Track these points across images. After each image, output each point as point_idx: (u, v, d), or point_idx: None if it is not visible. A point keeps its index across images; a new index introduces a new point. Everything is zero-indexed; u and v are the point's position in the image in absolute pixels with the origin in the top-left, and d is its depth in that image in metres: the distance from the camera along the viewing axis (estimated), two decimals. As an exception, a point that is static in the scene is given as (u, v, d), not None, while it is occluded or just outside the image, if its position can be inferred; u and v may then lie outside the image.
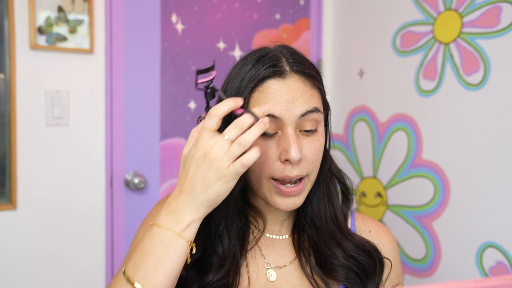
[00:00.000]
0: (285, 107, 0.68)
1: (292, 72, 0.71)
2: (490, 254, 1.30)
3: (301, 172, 0.70)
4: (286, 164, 0.69)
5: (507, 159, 1.26)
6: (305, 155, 0.70)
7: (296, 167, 0.69)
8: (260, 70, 0.70)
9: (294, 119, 0.69)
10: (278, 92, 0.69)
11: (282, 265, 0.78)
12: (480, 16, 1.34)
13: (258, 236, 0.79)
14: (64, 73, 1.55)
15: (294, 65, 0.72)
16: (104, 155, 1.61)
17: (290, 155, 0.67)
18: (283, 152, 0.68)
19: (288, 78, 0.70)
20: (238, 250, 0.75)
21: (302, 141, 0.71)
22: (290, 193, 0.70)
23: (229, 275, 0.72)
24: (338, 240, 0.77)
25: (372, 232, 0.83)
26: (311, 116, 0.70)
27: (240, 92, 0.71)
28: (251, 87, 0.70)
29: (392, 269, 0.80)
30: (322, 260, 0.76)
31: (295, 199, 0.72)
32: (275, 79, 0.70)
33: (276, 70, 0.70)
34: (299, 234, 0.79)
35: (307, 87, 0.71)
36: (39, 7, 1.48)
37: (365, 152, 1.78)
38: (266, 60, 0.71)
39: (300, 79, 0.71)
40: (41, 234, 1.53)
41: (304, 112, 0.69)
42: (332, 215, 0.79)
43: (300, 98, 0.69)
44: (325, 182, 0.80)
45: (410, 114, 1.57)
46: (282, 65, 0.71)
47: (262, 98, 0.69)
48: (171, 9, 1.69)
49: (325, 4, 1.98)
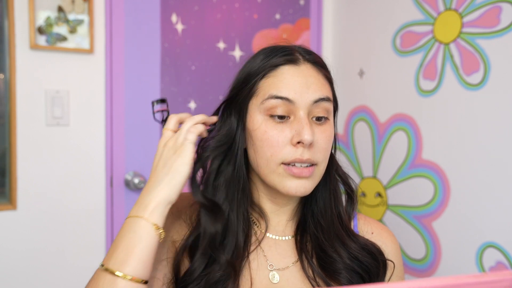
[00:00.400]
0: (299, 91, 0.70)
1: (305, 60, 0.73)
2: (490, 254, 1.30)
3: (312, 157, 0.70)
4: (297, 147, 0.70)
5: (507, 159, 1.26)
6: (317, 141, 0.71)
7: (308, 151, 0.70)
8: (274, 58, 0.72)
9: (307, 104, 0.70)
10: (292, 77, 0.71)
11: (284, 266, 0.77)
12: (480, 16, 1.34)
13: (260, 237, 0.78)
14: (64, 73, 1.55)
15: (307, 55, 0.74)
16: (104, 155, 1.61)
17: (303, 137, 0.68)
18: (296, 135, 0.69)
19: (302, 65, 0.72)
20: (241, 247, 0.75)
21: (314, 128, 0.71)
22: (301, 173, 0.70)
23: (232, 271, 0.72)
24: (344, 240, 0.77)
25: (374, 233, 0.83)
26: (324, 104, 0.72)
27: (250, 77, 0.73)
28: (264, 72, 0.72)
29: (395, 271, 0.80)
30: (325, 262, 0.75)
31: (305, 182, 0.71)
32: (288, 65, 0.72)
33: (289, 58, 0.72)
34: (302, 235, 0.79)
35: (320, 76, 0.73)
36: (39, 7, 1.48)
37: (365, 152, 1.78)
38: (279, 50, 0.73)
39: (312, 68, 0.73)
40: (41, 234, 1.53)
41: (318, 99, 0.71)
42: (338, 216, 0.79)
43: (314, 85, 0.71)
44: (332, 183, 0.80)
45: (410, 114, 1.57)
46: (295, 54, 0.73)
47: (276, 82, 0.71)
48: (171, 9, 1.69)
49: (325, 4, 1.98)
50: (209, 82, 1.76)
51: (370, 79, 1.76)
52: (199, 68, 1.75)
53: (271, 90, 0.71)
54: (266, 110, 0.71)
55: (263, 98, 0.71)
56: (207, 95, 1.76)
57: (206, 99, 1.76)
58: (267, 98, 0.70)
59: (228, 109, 0.76)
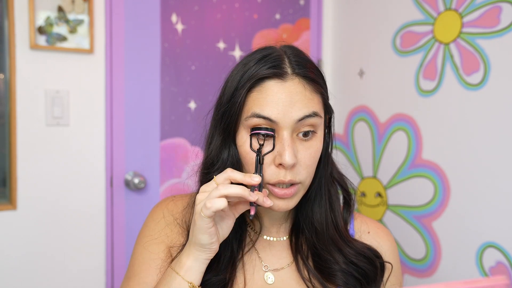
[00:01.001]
0: (282, 110, 0.67)
1: (293, 74, 0.70)
2: (490, 254, 1.30)
3: (294, 178, 0.69)
4: (280, 168, 0.68)
5: (507, 159, 1.26)
6: (300, 160, 0.69)
7: (290, 172, 0.68)
8: (261, 69, 0.69)
9: (291, 123, 0.68)
10: (277, 94, 0.68)
11: (279, 267, 0.77)
12: (480, 16, 1.34)
13: (254, 238, 0.78)
14: (64, 73, 1.55)
15: (297, 67, 0.70)
16: (104, 155, 1.61)
17: (283, 159, 0.67)
18: (278, 157, 0.68)
19: (288, 81, 0.69)
20: (236, 248, 0.75)
21: (298, 145, 0.70)
22: (284, 195, 0.70)
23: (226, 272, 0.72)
24: (339, 246, 0.76)
25: (371, 233, 0.83)
26: (309, 121, 0.69)
27: (238, 88, 0.70)
28: (249, 85, 0.69)
29: (392, 271, 0.80)
30: (321, 264, 0.75)
31: (287, 202, 0.71)
32: (274, 80, 0.69)
33: (277, 72, 0.69)
34: (297, 237, 0.78)
35: (307, 91, 0.70)
36: (39, 7, 1.48)
37: (365, 152, 1.78)
38: (268, 60, 0.70)
39: (300, 83, 0.70)
40: (41, 234, 1.53)
41: (302, 117, 0.68)
42: (333, 221, 0.78)
43: (299, 103, 0.68)
44: (327, 187, 0.78)
45: (410, 114, 1.57)
46: (284, 66, 0.70)
47: (260, 99, 0.69)
48: (171, 9, 1.69)
49: (325, 4, 1.98)
50: (209, 82, 1.76)
51: (370, 79, 1.76)
52: (199, 68, 1.75)
53: (254, 107, 0.68)
54: (249, 127, 0.70)
55: (247, 115, 0.69)
56: (207, 95, 1.76)
57: (206, 99, 1.76)
58: (250, 116, 0.69)
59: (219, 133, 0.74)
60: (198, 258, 0.68)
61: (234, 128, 0.72)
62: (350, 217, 0.83)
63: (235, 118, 0.71)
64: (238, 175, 0.65)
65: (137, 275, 0.76)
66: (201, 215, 0.64)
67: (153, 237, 0.79)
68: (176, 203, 0.83)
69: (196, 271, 0.68)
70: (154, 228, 0.80)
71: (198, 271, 0.68)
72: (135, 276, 0.76)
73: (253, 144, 0.69)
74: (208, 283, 0.71)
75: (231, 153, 0.73)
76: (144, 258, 0.77)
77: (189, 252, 0.68)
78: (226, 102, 0.72)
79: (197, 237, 0.66)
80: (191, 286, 0.67)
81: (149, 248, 0.77)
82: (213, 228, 0.65)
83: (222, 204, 0.63)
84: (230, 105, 0.71)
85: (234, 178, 0.66)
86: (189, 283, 0.67)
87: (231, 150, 0.73)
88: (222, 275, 0.72)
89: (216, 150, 0.74)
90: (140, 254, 0.78)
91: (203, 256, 0.68)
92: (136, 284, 0.75)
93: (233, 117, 0.71)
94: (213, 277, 0.72)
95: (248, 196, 0.64)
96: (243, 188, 0.64)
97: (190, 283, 0.67)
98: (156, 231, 0.80)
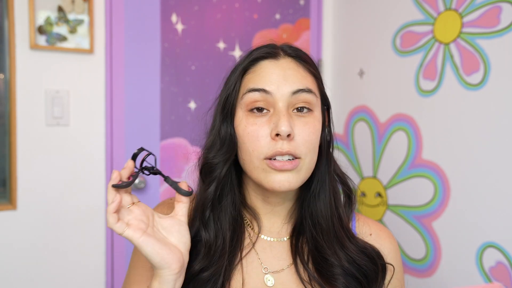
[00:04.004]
0: (276, 83, 0.70)
1: (286, 55, 0.74)
2: (490, 254, 1.30)
3: (292, 149, 0.68)
4: (277, 140, 0.68)
5: (507, 159, 1.26)
6: (298, 134, 0.69)
7: (287, 143, 0.68)
8: (254, 52, 0.74)
9: (285, 96, 0.70)
10: (270, 70, 0.71)
11: (279, 269, 0.76)
12: (480, 16, 1.34)
13: (254, 239, 0.77)
14: (64, 73, 1.55)
15: (288, 50, 0.75)
16: (104, 155, 1.61)
17: (279, 128, 0.67)
18: (274, 128, 0.68)
19: (281, 59, 0.73)
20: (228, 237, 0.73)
21: (295, 120, 0.70)
22: (283, 166, 0.68)
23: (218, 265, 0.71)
24: (343, 242, 0.75)
25: (373, 235, 0.81)
26: (304, 95, 0.71)
27: (234, 72, 0.75)
28: (244, 66, 0.73)
29: (394, 274, 0.79)
30: (321, 266, 0.74)
31: (289, 176, 0.69)
32: (268, 60, 0.73)
33: (269, 51, 0.73)
34: (298, 238, 0.77)
35: (300, 69, 0.73)
36: (39, 7, 1.48)
37: (365, 152, 1.78)
38: (261, 47, 0.75)
39: (293, 62, 0.73)
40: (41, 234, 1.53)
41: (296, 90, 0.70)
42: (338, 217, 0.78)
43: (292, 76, 0.71)
44: (331, 183, 0.78)
45: (410, 114, 1.57)
46: (277, 49, 0.74)
47: (255, 77, 0.72)
48: (171, 9, 1.69)
49: (325, 4, 1.98)
50: (209, 82, 1.76)
51: (370, 79, 1.76)
52: (199, 68, 1.75)
53: (249, 84, 0.72)
54: (246, 105, 0.71)
55: (243, 93, 0.72)
56: (207, 95, 1.76)
57: (206, 99, 1.76)
58: (246, 92, 0.71)
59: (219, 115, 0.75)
60: (163, 281, 0.65)
61: (232, 110, 0.74)
62: (352, 214, 0.82)
63: (232, 100, 0.73)
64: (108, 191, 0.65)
65: (134, 284, 0.76)
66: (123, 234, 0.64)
67: None
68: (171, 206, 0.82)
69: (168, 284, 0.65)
70: None
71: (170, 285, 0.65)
72: (131, 286, 0.76)
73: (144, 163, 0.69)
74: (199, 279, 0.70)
75: (228, 132, 0.73)
76: (139, 268, 0.77)
77: (155, 274, 0.66)
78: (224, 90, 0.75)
79: (147, 257, 0.64)
80: None
81: (143, 258, 0.77)
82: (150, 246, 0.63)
83: (113, 219, 0.62)
84: (227, 89, 0.74)
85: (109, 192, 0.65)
86: None
87: (228, 128, 0.74)
88: (214, 267, 0.70)
89: (215, 133, 0.75)
90: (136, 263, 0.78)
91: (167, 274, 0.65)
92: None
93: (229, 99, 0.73)
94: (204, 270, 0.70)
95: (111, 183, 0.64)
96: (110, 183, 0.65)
97: None
98: None
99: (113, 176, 0.65)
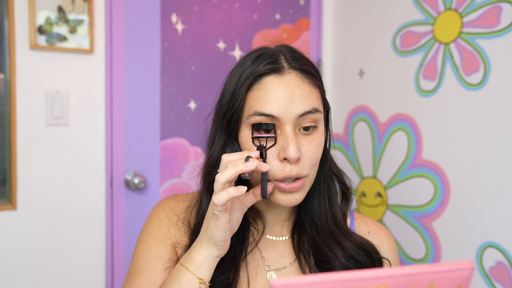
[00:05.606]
0: (283, 106, 0.68)
1: (290, 68, 0.71)
2: (490, 254, 1.30)
3: (300, 171, 0.70)
4: (284, 163, 0.69)
5: (507, 159, 1.26)
6: (304, 153, 0.70)
7: (295, 166, 0.69)
8: (259, 67, 0.71)
9: (293, 119, 0.69)
10: (276, 89, 0.69)
11: (282, 267, 0.77)
12: (480, 16, 1.34)
13: (257, 237, 0.79)
14: (64, 73, 1.55)
15: (292, 61, 0.72)
16: (104, 155, 1.61)
17: (288, 154, 0.67)
18: (282, 151, 0.69)
19: (286, 75, 0.70)
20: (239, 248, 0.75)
21: (301, 140, 0.70)
22: (291, 189, 0.70)
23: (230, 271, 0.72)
24: (338, 239, 0.77)
25: (371, 233, 0.83)
26: (310, 116, 0.70)
27: (237, 88, 0.72)
28: (248, 83, 0.70)
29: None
30: (321, 261, 0.76)
31: (295, 195, 0.71)
32: (272, 75, 0.70)
33: (273, 67, 0.70)
34: (299, 235, 0.79)
35: (305, 85, 0.71)
36: (39, 7, 1.48)
37: (365, 152, 1.78)
38: (264, 57, 0.71)
39: (298, 76, 0.71)
40: (41, 234, 1.53)
41: (303, 113, 0.69)
42: (332, 215, 0.79)
43: (298, 97, 0.69)
44: (326, 181, 0.79)
45: (410, 114, 1.57)
46: (280, 61, 0.71)
47: (261, 97, 0.69)
48: (171, 9, 1.69)
49: (325, 4, 1.98)
50: (209, 82, 1.77)
51: (370, 79, 1.76)
52: (199, 68, 1.75)
53: (255, 106, 0.69)
54: (251, 125, 0.70)
55: (248, 113, 0.70)
56: (207, 95, 1.76)
57: (206, 99, 1.76)
58: (252, 115, 0.69)
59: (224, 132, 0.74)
60: (210, 255, 0.67)
61: (236, 126, 0.72)
62: (348, 211, 0.84)
63: (237, 117, 0.71)
64: (234, 156, 0.66)
65: (143, 272, 0.75)
66: (215, 212, 0.65)
67: (158, 235, 0.79)
68: (178, 202, 0.83)
69: (207, 268, 0.68)
70: (158, 226, 0.80)
71: (209, 268, 0.68)
72: (140, 274, 0.75)
73: (255, 142, 0.70)
74: (212, 282, 0.71)
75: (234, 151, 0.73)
76: (150, 256, 0.76)
77: (201, 248, 0.68)
78: (226, 103, 0.73)
79: (212, 233, 0.66)
80: (201, 282, 0.67)
81: (154, 246, 0.77)
82: (228, 224, 0.66)
83: (225, 195, 0.63)
84: (230, 105, 0.72)
85: (232, 160, 0.66)
86: (199, 279, 0.67)
87: (234, 148, 0.73)
88: (226, 274, 0.72)
89: (219, 149, 0.74)
90: (145, 252, 0.78)
91: (215, 253, 0.67)
92: (142, 282, 0.74)
93: (234, 116, 0.72)
94: (217, 276, 0.71)
95: (244, 168, 0.63)
96: (238, 164, 0.64)
97: (200, 279, 0.67)
98: (160, 230, 0.79)
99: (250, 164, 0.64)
